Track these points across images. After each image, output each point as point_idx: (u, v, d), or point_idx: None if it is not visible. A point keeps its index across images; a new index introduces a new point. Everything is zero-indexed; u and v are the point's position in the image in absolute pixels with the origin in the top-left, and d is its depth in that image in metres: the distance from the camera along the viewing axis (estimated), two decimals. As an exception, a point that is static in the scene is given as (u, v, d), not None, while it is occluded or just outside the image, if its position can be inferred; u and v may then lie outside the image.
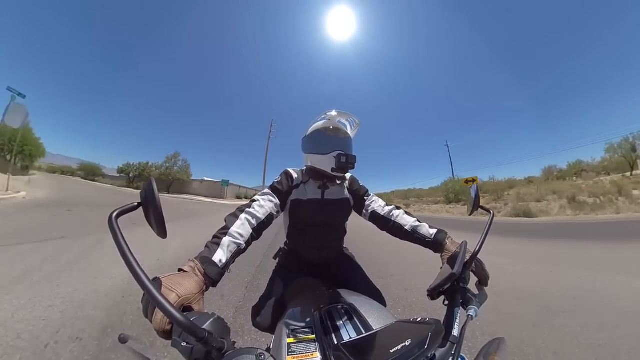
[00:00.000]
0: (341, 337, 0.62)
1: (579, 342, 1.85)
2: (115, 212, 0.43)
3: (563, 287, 3.06)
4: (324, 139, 1.07)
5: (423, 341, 0.45)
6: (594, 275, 3.42)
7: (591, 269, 3.69)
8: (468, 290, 0.66)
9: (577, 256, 4.60)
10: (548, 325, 2.12)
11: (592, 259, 4.35)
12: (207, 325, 0.43)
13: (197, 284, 0.58)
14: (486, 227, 0.77)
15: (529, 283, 3.21)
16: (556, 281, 3.28)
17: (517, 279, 3.36)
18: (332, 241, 1.25)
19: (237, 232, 0.80)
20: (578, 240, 6.20)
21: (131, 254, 0.38)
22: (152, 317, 0.48)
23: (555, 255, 4.79)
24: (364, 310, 0.74)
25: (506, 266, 3.96)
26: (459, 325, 0.57)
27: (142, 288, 0.37)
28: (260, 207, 0.94)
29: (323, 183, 1.11)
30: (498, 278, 3.30)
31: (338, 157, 1.00)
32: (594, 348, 1.78)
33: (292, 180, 1.10)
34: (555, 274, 3.60)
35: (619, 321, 2.16)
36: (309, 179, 1.12)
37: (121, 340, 0.56)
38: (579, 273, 3.55)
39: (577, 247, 5.48)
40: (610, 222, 9.28)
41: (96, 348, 1.60)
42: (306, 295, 0.94)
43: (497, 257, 4.48)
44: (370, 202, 1.16)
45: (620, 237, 6.36)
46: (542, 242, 6.23)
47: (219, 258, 0.70)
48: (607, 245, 5.47)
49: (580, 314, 2.31)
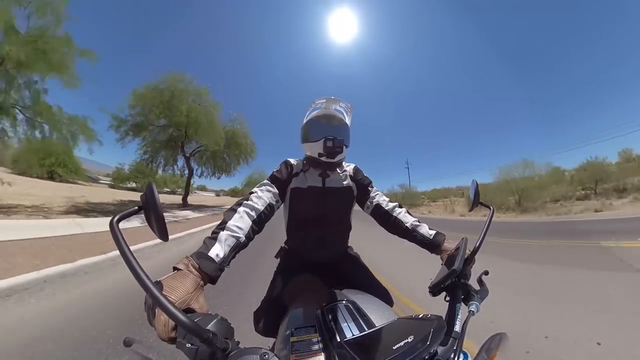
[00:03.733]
0: (344, 334, 0.62)
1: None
2: (116, 217, 0.43)
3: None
4: (316, 127, 1.05)
5: (425, 337, 0.46)
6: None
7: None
8: (469, 286, 0.67)
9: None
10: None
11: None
12: (210, 325, 0.43)
13: (192, 282, 0.56)
14: (486, 222, 0.77)
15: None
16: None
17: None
18: (336, 237, 1.19)
19: (236, 225, 0.77)
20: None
21: (134, 258, 0.39)
22: (155, 323, 0.48)
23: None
24: (366, 308, 0.75)
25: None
26: (460, 321, 0.58)
27: (146, 291, 0.38)
28: (258, 198, 0.91)
29: (323, 171, 1.08)
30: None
31: (324, 142, 0.98)
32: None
33: (292, 168, 1.08)
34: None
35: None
36: (309, 167, 1.10)
37: (126, 343, 0.56)
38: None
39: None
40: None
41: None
42: (308, 294, 0.94)
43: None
44: (374, 195, 1.13)
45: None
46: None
47: (215, 253, 0.67)
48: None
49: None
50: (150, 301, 0.50)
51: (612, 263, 4.16)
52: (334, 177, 1.10)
